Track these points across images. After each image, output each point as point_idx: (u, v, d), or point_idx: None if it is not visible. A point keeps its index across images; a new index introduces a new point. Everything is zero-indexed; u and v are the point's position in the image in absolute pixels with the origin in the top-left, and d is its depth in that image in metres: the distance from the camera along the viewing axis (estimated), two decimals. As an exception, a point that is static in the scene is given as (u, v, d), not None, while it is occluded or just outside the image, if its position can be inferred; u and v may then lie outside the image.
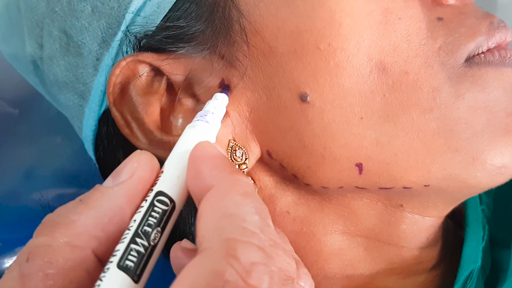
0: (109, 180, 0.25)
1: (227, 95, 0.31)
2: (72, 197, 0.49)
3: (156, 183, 0.25)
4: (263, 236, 0.21)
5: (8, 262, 0.47)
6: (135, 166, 0.25)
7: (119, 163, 0.37)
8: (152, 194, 0.24)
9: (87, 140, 0.39)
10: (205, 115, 0.28)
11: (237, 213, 0.22)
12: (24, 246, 0.22)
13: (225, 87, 0.32)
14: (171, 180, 0.25)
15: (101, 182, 0.42)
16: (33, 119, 0.53)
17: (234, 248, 0.20)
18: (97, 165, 0.41)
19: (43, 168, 0.51)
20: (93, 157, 0.41)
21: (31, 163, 0.51)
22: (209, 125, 0.28)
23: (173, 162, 0.25)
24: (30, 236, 0.48)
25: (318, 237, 0.35)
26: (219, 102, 0.30)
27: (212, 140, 0.27)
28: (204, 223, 0.22)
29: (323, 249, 0.35)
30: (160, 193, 0.24)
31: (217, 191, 0.23)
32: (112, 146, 0.37)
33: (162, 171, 0.25)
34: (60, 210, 0.24)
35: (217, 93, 0.31)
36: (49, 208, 0.47)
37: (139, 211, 0.24)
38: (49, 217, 0.23)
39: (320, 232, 0.35)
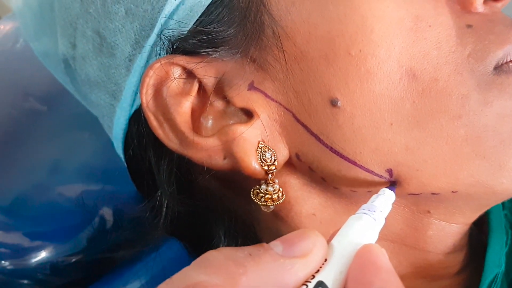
0: (278, 245, 0.24)
1: (394, 192, 0.31)
2: (98, 193, 0.50)
3: (318, 270, 0.24)
4: None
5: (36, 257, 0.48)
6: (310, 247, 0.24)
7: (149, 162, 0.38)
8: (313, 282, 0.23)
9: (117, 138, 0.40)
10: (374, 211, 0.28)
11: None
12: (183, 274, 0.22)
13: (392, 183, 0.32)
14: (334, 274, 0.24)
15: (127, 180, 0.43)
16: (61, 115, 0.53)
17: None
18: (125, 164, 0.42)
19: (70, 163, 0.52)
20: (122, 155, 0.41)
21: (58, 159, 0.52)
22: (376, 223, 0.27)
23: (338, 254, 0.25)
24: (56, 230, 0.50)
25: None
26: (386, 198, 0.30)
27: (376, 237, 0.27)
28: None
29: None
30: (321, 283, 0.23)
31: None
32: (142, 145, 0.38)
33: (325, 259, 0.25)
34: (228, 253, 0.23)
35: (385, 189, 0.30)
36: (76, 203, 0.48)
37: None
38: (216, 256, 0.23)
39: None
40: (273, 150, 0.33)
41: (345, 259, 0.24)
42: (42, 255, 0.48)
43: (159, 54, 0.34)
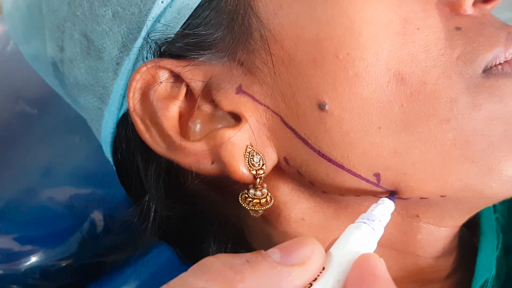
0: (275, 253, 0.24)
1: (394, 201, 0.31)
2: (88, 197, 0.50)
3: (316, 279, 0.24)
4: None
5: (26, 262, 0.48)
6: (308, 255, 0.24)
7: (137, 166, 0.38)
8: None
9: (106, 142, 0.39)
10: (373, 221, 0.28)
11: None
12: (181, 280, 0.22)
13: (392, 193, 0.32)
14: (332, 283, 0.24)
15: (117, 184, 0.43)
16: (51, 119, 0.53)
17: None
18: (114, 167, 0.42)
19: (61, 167, 0.51)
20: (110, 159, 0.41)
21: (49, 162, 0.51)
22: (374, 233, 0.27)
23: (336, 263, 0.25)
24: (46, 234, 0.49)
25: None
26: (385, 208, 0.30)
27: (374, 247, 0.27)
28: None
29: None
30: None
31: None
32: (130, 149, 0.38)
33: (323, 268, 0.25)
34: (225, 259, 0.23)
35: (384, 198, 0.30)
36: (66, 207, 0.48)
37: None
38: (213, 262, 0.23)
39: None
40: (261, 154, 0.33)
41: (343, 268, 0.24)
42: (32, 259, 0.48)
43: (146, 58, 0.34)
